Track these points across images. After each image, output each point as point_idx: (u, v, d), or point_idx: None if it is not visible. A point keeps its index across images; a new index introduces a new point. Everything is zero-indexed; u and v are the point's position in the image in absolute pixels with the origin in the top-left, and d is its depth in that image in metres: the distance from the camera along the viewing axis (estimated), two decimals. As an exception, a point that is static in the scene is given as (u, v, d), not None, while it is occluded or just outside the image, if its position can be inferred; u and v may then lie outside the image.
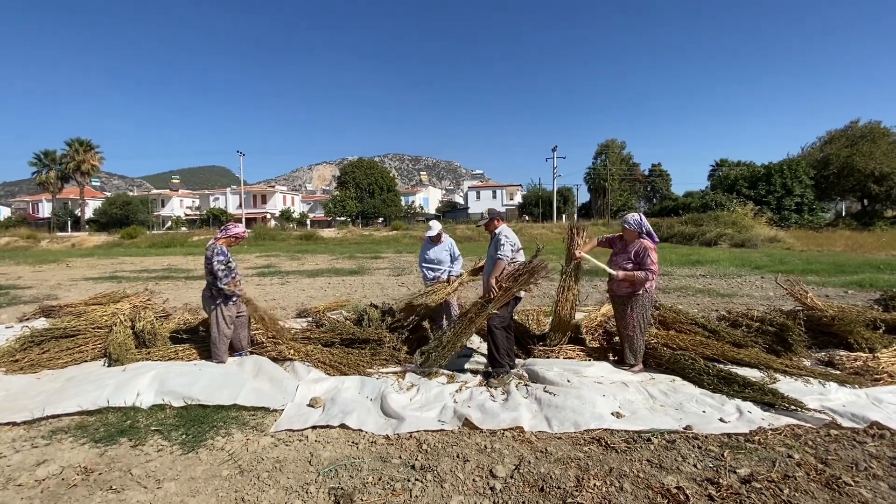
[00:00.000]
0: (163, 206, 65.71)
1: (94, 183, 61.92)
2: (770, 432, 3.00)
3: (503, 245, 4.07)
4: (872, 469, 2.54)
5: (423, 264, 5.49)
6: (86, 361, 4.64)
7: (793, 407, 3.27)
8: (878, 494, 2.31)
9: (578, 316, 5.33)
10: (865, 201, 38.95)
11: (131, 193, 68.33)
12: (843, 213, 42.96)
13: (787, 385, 3.76)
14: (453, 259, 5.34)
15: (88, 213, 54.20)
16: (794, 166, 37.17)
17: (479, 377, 4.09)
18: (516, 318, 5.38)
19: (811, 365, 4.27)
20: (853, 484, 2.39)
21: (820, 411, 3.25)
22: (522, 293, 4.20)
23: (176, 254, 24.39)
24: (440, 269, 5.31)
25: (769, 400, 3.38)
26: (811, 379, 3.88)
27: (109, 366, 4.45)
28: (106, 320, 5.36)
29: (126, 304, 6.25)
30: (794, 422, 3.14)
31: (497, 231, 4.26)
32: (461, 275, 5.27)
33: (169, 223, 58.12)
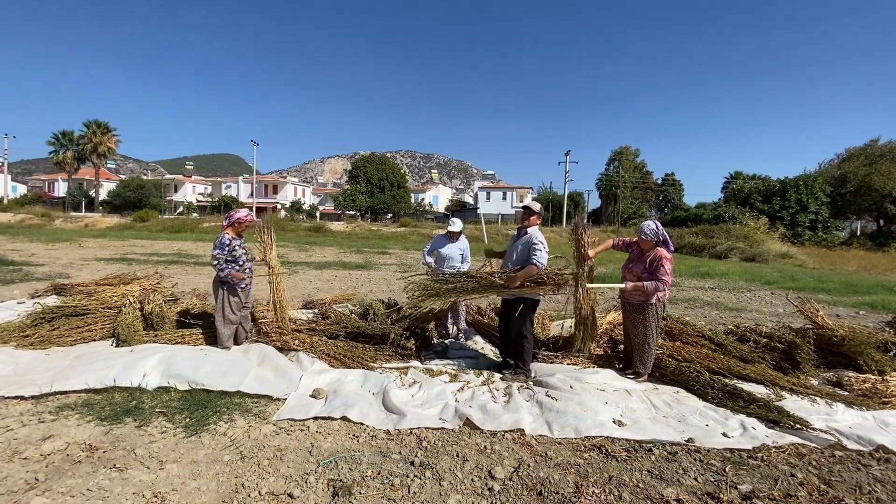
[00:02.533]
0: (175, 191, 66.37)
1: (109, 165, 62.75)
2: (774, 450, 2.97)
3: (539, 250, 3.97)
4: (876, 493, 2.51)
5: (429, 257, 5.42)
6: (94, 340, 4.71)
7: (798, 426, 3.23)
8: (882, 519, 2.28)
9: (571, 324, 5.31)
10: (881, 221, 38.32)
11: (145, 177, 69.09)
12: (858, 233, 42.29)
13: (793, 403, 3.71)
14: (463, 260, 5.32)
15: (102, 195, 54.88)
16: (810, 182, 36.66)
17: (482, 377, 4.09)
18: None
19: (819, 384, 4.21)
20: (856, 507, 2.35)
21: (825, 432, 3.21)
22: (541, 296, 4.20)
23: (186, 239, 24.62)
24: (449, 267, 5.30)
25: (774, 417, 3.34)
26: (818, 398, 3.83)
27: (117, 346, 4.51)
28: (116, 301, 5.43)
29: (136, 286, 6.32)
30: (799, 441, 3.10)
31: (530, 231, 4.15)
32: None
33: (181, 208, 58.72)
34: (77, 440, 2.77)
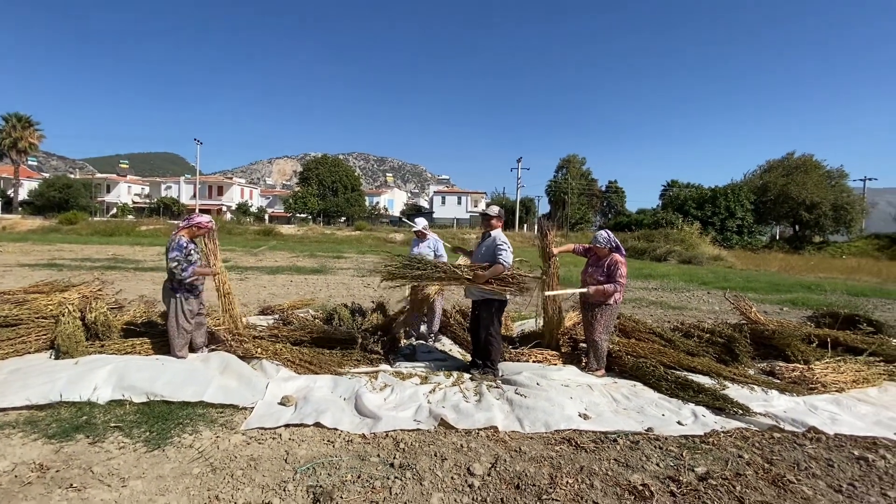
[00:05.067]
0: (108, 191, 61.52)
1: (30, 162, 57.25)
2: (722, 434, 3.24)
3: (504, 251, 4.12)
4: (812, 469, 2.81)
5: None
6: (29, 353, 4.31)
7: (741, 411, 3.55)
8: (818, 492, 2.56)
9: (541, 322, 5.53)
10: (797, 227, 42.33)
11: (72, 176, 63.50)
12: (777, 237, 46.43)
13: (735, 391, 4.06)
14: (437, 257, 5.39)
15: (23, 195, 49.88)
16: (736, 191, 39.95)
17: (452, 378, 4.15)
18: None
19: (755, 374, 4.62)
20: (796, 482, 2.63)
21: (764, 416, 3.54)
22: (508, 296, 4.34)
23: (121, 243, 22.91)
24: None
25: (720, 405, 3.64)
26: (755, 386, 4.21)
27: (57, 358, 4.15)
28: (51, 310, 5.00)
29: (74, 293, 5.84)
30: (743, 425, 3.41)
31: (494, 233, 4.30)
32: None
33: (114, 210, 54.52)
34: (25, 460, 2.55)
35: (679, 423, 3.41)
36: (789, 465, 2.85)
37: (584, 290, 4.40)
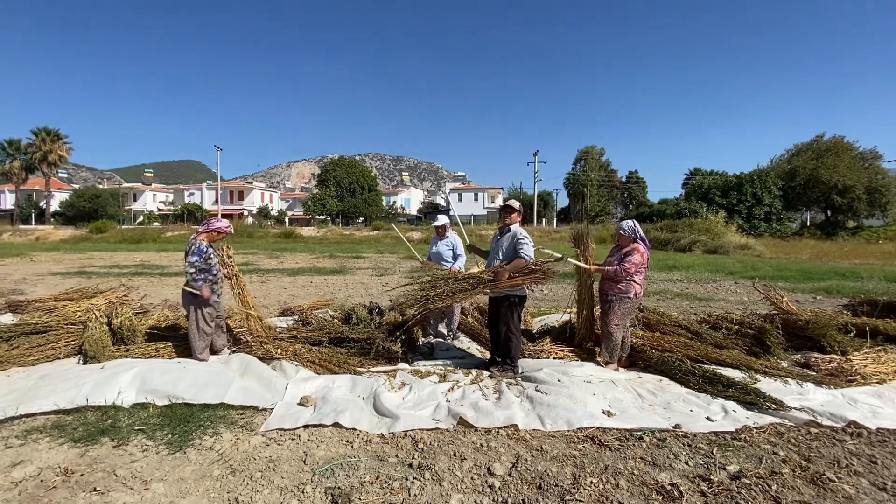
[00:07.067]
0: (135, 200, 63.67)
1: (61, 174, 59.59)
2: (755, 430, 3.10)
3: (525, 244, 4.06)
4: (853, 466, 2.65)
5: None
6: (58, 359, 4.44)
7: (774, 406, 3.39)
8: (861, 490, 2.41)
9: (565, 317, 5.41)
10: (829, 212, 40.66)
11: (101, 186, 65.83)
12: (808, 223, 44.70)
13: (767, 385, 3.88)
14: (455, 256, 5.32)
15: (54, 206, 51.96)
16: (763, 177, 38.59)
17: (471, 376, 4.09)
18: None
19: (788, 366, 4.42)
20: (836, 480, 2.48)
21: (800, 410, 3.37)
22: (527, 291, 4.26)
23: (148, 249, 23.59)
24: (442, 264, 5.31)
25: (751, 399, 3.49)
26: (789, 379, 4.02)
27: (85, 363, 4.27)
28: (79, 316, 5.14)
29: (101, 299, 6.01)
30: (777, 420, 3.25)
31: (513, 228, 4.23)
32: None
33: (141, 218, 56.31)
34: (50, 464, 2.60)
35: (708, 418, 3.28)
36: (828, 462, 2.70)
37: (584, 265, 4.44)
